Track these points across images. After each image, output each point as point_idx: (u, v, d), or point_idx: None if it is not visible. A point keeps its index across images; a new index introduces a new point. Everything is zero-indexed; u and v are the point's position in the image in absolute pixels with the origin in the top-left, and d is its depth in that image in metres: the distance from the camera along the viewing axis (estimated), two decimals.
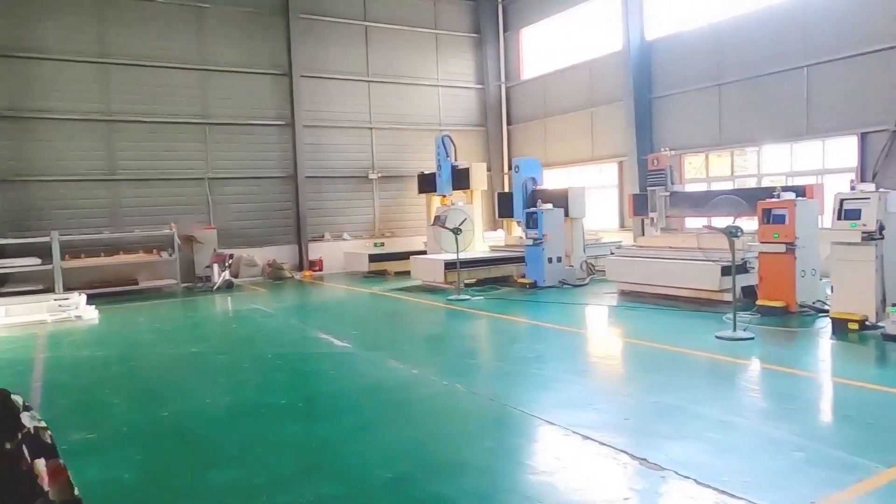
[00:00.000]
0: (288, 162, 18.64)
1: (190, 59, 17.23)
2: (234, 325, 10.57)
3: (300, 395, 6.18)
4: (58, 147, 15.74)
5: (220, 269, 15.79)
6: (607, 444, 4.48)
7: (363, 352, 8.06)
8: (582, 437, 4.63)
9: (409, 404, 5.81)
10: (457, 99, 21.41)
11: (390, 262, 17.59)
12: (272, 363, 7.71)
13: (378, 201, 20.18)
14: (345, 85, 19.44)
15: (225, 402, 6.03)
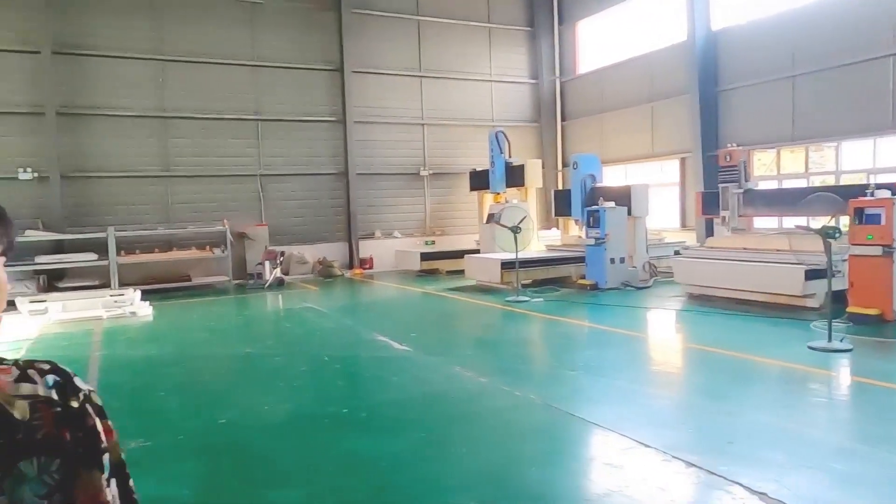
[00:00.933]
0: (339, 159, 18.42)
1: (243, 56, 17.15)
2: (287, 324, 10.31)
3: (362, 404, 5.80)
4: (114, 143, 15.83)
5: (271, 267, 15.65)
6: (715, 472, 3.94)
7: (424, 356, 7.66)
8: (685, 464, 4.11)
9: (481, 418, 5.37)
10: (510, 94, 20.87)
11: (442, 261, 17.21)
12: (330, 367, 7.37)
13: (429, 199, 19.81)
14: (396, 80, 19.12)
15: (284, 410, 5.69)
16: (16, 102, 14.98)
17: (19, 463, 0.87)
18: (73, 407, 0.93)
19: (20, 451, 0.87)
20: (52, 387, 0.93)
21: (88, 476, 0.92)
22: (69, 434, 0.91)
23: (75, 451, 0.91)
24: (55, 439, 0.90)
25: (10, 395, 0.90)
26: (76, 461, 0.91)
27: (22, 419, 0.89)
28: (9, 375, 0.92)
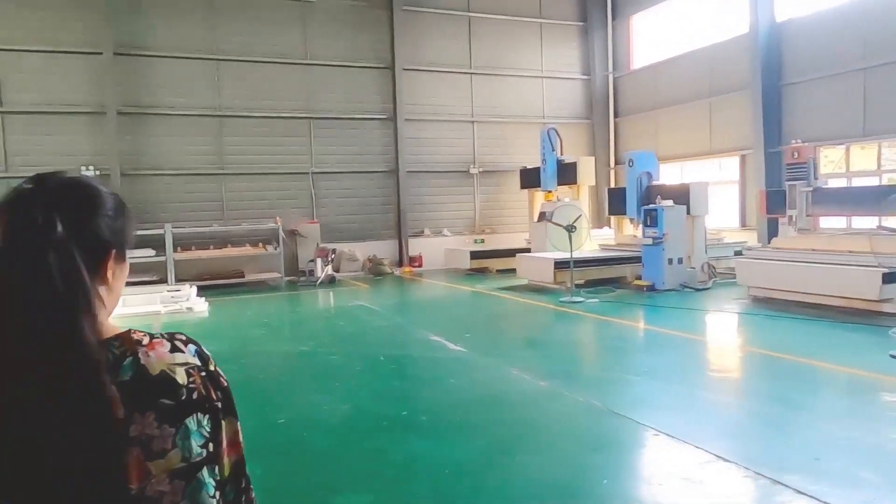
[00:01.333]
0: (389, 156, 18.42)
1: (295, 55, 17.29)
2: (340, 322, 10.31)
3: (421, 407, 5.69)
4: (171, 142, 16.16)
5: (322, 264, 15.75)
6: (808, 493, 3.67)
7: (480, 357, 7.51)
8: (770, 481, 3.85)
9: (544, 424, 5.19)
10: (561, 90, 20.52)
11: (492, 260, 17.03)
12: (386, 367, 7.29)
13: (479, 196, 19.64)
14: (447, 78, 19.01)
15: (342, 410, 5.62)
16: (79, 103, 15.43)
17: (186, 420, 1.00)
18: (211, 370, 1.08)
19: (185, 410, 1.01)
20: (195, 354, 1.08)
21: (229, 424, 1.09)
22: (213, 393, 1.06)
23: (218, 406, 1.06)
24: (205, 398, 1.04)
25: (171, 363, 1.03)
26: (219, 413, 1.07)
27: (182, 384, 1.02)
28: (164, 347, 1.05)
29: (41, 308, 0.92)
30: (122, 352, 1.01)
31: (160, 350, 1.04)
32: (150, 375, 1.00)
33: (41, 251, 0.93)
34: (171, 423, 0.99)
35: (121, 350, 1.01)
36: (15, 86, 15.02)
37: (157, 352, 1.04)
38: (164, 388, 1.01)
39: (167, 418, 0.99)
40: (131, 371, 1.00)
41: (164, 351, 1.05)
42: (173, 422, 0.99)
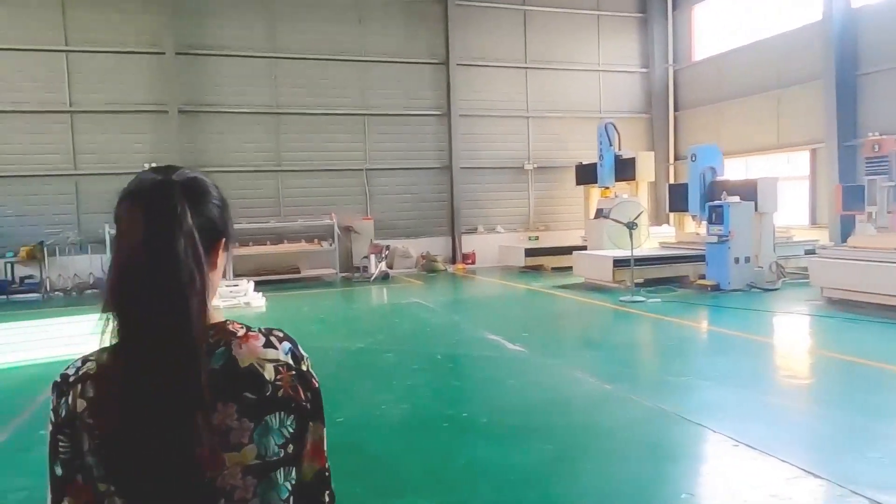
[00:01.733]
0: (443, 153, 18.30)
1: (351, 51, 17.34)
2: (395, 319, 10.23)
3: (481, 408, 5.52)
4: (230, 139, 16.43)
5: (377, 261, 15.76)
6: None
7: (540, 358, 7.29)
8: (869, 501, 3.52)
9: (611, 430, 4.95)
10: (619, 84, 20.00)
11: (547, 257, 16.73)
12: (443, 366, 7.16)
13: (533, 193, 19.33)
14: (501, 73, 18.76)
15: (401, 410, 5.50)
16: (143, 101, 15.84)
17: (267, 416, 1.00)
18: (303, 371, 1.08)
19: (267, 407, 1.01)
20: (288, 353, 1.07)
21: (315, 428, 1.08)
22: (302, 393, 1.06)
23: (306, 408, 1.06)
24: (291, 398, 1.04)
25: (261, 358, 1.03)
26: (306, 416, 1.06)
27: (269, 380, 1.02)
28: (258, 341, 1.05)
29: (164, 289, 0.96)
30: (217, 340, 1.03)
31: (253, 344, 1.05)
32: (239, 367, 1.02)
33: (174, 237, 0.98)
34: (252, 417, 1.00)
35: (215, 339, 1.03)
36: (83, 86, 15.52)
37: (249, 345, 1.05)
38: (250, 381, 1.02)
39: (248, 412, 1.00)
40: (222, 360, 1.02)
41: (257, 345, 1.05)
42: (254, 416, 1.00)
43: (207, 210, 1.09)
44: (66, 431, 1.00)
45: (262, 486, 1.01)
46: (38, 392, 6.36)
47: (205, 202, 1.09)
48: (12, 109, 15.03)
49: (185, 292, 0.97)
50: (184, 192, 1.04)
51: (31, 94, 15.16)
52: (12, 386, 6.77)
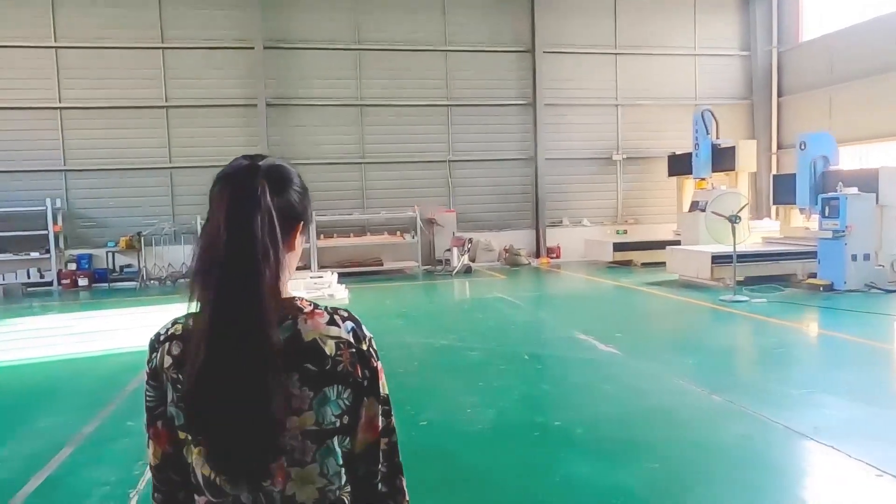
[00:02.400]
0: (528, 143, 17.78)
1: (434, 41, 17.09)
2: (479, 314, 9.89)
3: (575, 417, 5.08)
4: (316, 132, 16.55)
5: (459, 254, 15.49)
6: None
7: (636, 362, 6.76)
8: None
9: (724, 449, 4.40)
10: (716, 69, 18.80)
11: (636, 252, 15.96)
12: (531, 367, 6.76)
13: (622, 185, 18.50)
14: (589, 59, 18.01)
15: (488, 416, 5.15)
16: (233, 96, 16.18)
17: (325, 388, 1.11)
18: (363, 349, 1.16)
19: (327, 379, 1.11)
20: (350, 332, 1.15)
21: (370, 403, 1.17)
22: (360, 370, 1.15)
23: (362, 384, 1.15)
24: (350, 374, 1.13)
25: (324, 333, 1.13)
26: (363, 391, 1.15)
27: (329, 354, 1.12)
28: (323, 318, 1.15)
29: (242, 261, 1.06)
30: (285, 314, 1.11)
31: (318, 321, 1.13)
32: (303, 341, 1.10)
33: (253, 215, 1.08)
34: (312, 387, 1.09)
35: (284, 313, 1.11)
36: (177, 82, 16.01)
37: (314, 321, 1.13)
38: (312, 354, 1.10)
39: (308, 382, 1.09)
40: (288, 333, 1.10)
41: (321, 322, 1.13)
42: (313, 386, 1.09)
43: (288, 194, 1.19)
44: (152, 383, 1.13)
45: (321, 451, 1.10)
46: (127, 381, 6.44)
47: (286, 187, 1.18)
48: (113, 105, 15.69)
49: (260, 266, 1.07)
50: (266, 176, 1.14)
51: (131, 90, 15.77)
52: (104, 374, 6.90)
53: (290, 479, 1.09)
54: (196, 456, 1.09)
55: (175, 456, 1.12)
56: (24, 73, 15.37)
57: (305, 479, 1.10)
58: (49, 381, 6.77)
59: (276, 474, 1.08)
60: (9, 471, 4.41)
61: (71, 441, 4.88)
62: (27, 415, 5.65)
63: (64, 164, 15.64)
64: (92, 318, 11.18)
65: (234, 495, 1.09)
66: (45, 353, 7.97)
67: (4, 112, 15.37)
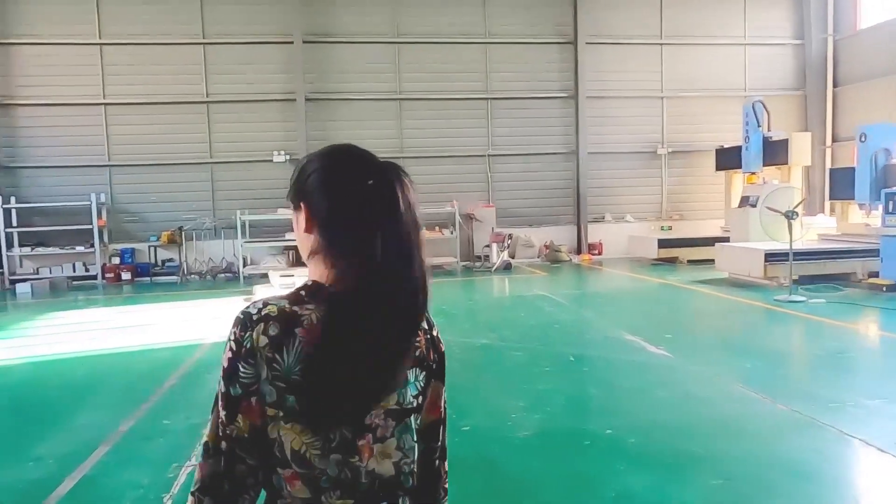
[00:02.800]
0: (569, 137, 17.37)
1: (474, 33, 16.80)
2: (521, 313, 9.60)
3: (627, 424, 4.77)
4: (354, 126, 16.40)
5: (498, 250, 15.20)
6: None
7: (690, 365, 6.40)
8: None
9: (797, 465, 4.04)
10: (767, 58, 18.06)
11: (682, 249, 15.44)
12: (577, 369, 6.46)
13: (667, 179, 17.94)
14: (634, 50, 17.49)
15: (533, 422, 4.88)
16: (272, 90, 16.17)
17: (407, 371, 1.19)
18: (433, 335, 1.27)
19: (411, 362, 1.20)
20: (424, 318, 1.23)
21: (437, 385, 1.26)
22: (433, 354, 1.24)
23: (432, 367, 1.24)
24: (425, 357, 1.23)
25: None
26: (432, 374, 1.24)
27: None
28: None
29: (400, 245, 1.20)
30: None
31: None
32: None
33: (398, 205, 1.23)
34: None
35: None
36: (217, 77, 16.07)
37: None
38: None
39: None
40: None
41: None
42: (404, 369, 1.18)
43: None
44: (249, 361, 1.13)
45: (399, 428, 1.17)
46: (165, 377, 6.36)
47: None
48: (155, 101, 15.83)
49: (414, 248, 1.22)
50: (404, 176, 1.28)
51: (172, 86, 15.89)
52: (144, 370, 6.84)
53: (372, 455, 1.15)
54: (286, 431, 1.13)
55: (260, 430, 1.14)
56: (71, 69, 15.60)
57: (384, 454, 1.16)
58: (89, 376, 6.75)
59: (363, 451, 1.14)
60: (44, 470, 4.33)
61: (107, 439, 4.79)
62: (66, 411, 5.60)
63: (108, 160, 15.86)
64: (133, 312, 11.25)
65: (321, 468, 1.13)
66: (86, 348, 7.99)
67: (52, 108, 15.65)
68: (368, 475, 1.14)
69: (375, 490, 1.15)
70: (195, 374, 6.57)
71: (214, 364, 6.91)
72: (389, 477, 1.16)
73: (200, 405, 5.48)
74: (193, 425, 4.97)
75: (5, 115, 15.57)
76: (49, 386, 6.48)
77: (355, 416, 1.13)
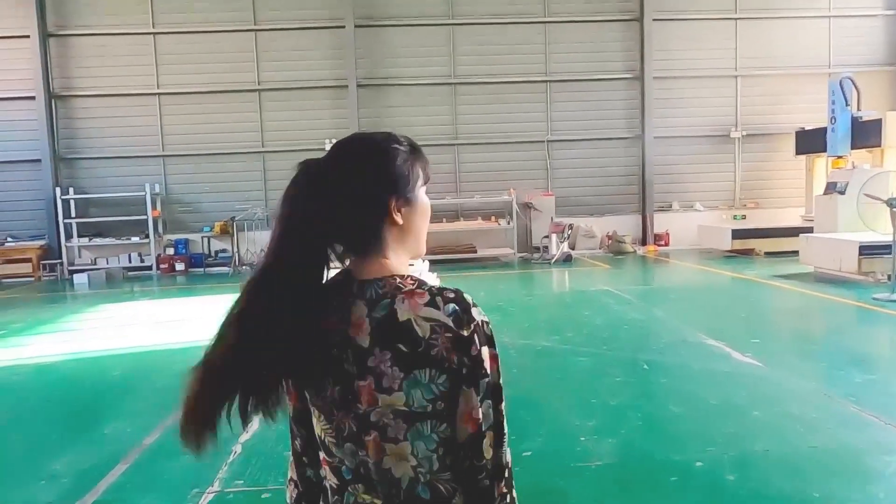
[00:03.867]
0: (634, 120, 16.34)
1: (533, 12, 15.95)
2: (585, 311, 8.82)
3: (721, 455, 3.99)
4: (407, 112, 15.85)
5: (558, 240, 14.40)
6: None
7: (785, 377, 5.54)
8: None
9: None
10: (854, 31, 16.53)
11: (759, 240, 14.28)
12: (653, 380, 5.69)
13: (741, 164, 16.70)
14: (706, 26, 16.28)
15: (606, 448, 4.16)
16: (323, 77, 15.75)
17: (415, 370, 1.08)
18: (463, 335, 1.09)
19: (418, 361, 1.08)
20: (450, 315, 1.09)
21: (468, 393, 1.10)
22: (457, 357, 1.09)
23: (459, 372, 1.09)
24: (445, 359, 1.08)
25: (419, 315, 1.09)
26: (460, 379, 1.10)
27: (422, 337, 1.08)
28: (422, 299, 1.10)
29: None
30: (384, 292, 1.12)
31: (415, 301, 1.10)
32: (397, 321, 1.09)
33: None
34: (402, 368, 1.08)
35: (382, 290, 1.12)
36: (269, 65, 15.75)
37: (411, 301, 1.10)
38: (405, 335, 1.08)
39: (399, 363, 1.08)
40: (384, 311, 1.10)
41: (419, 303, 1.10)
42: (403, 367, 1.08)
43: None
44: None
45: (412, 432, 1.09)
46: None
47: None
48: (208, 90, 15.64)
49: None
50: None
51: (225, 74, 15.67)
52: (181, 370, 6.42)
53: (385, 454, 1.10)
54: (314, 417, 1.17)
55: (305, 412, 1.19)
56: (125, 60, 15.57)
57: (400, 456, 1.10)
58: (124, 377, 6.39)
59: (368, 446, 1.11)
60: (58, 491, 3.90)
61: (128, 455, 4.34)
62: (93, 418, 5.23)
63: (162, 150, 15.78)
64: (181, 305, 11.04)
65: (339, 457, 1.14)
66: (126, 344, 7.69)
67: (107, 99, 15.67)
68: (384, 474, 1.11)
69: (399, 493, 1.11)
70: None
71: None
72: (409, 481, 1.11)
73: (232, 413, 4.99)
74: (223, 439, 4.36)
75: (64, 107, 15.68)
76: (82, 387, 6.15)
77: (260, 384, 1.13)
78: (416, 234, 1.22)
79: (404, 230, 1.19)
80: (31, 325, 9.30)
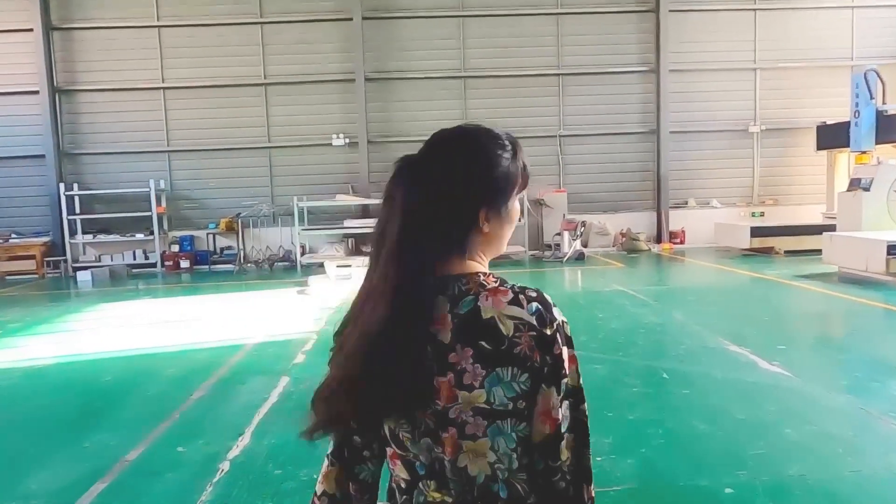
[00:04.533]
0: (649, 115, 15.91)
1: (544, 3, 15.56)
2: (599, 314, 8.43)
3: (753, 480, 3.62)
4: (415, 107, 15.51)
5: (570, 238, 14.02)
6: None
7: (817, 389, 5.15)
8: None
9: None
10: (878, 21, 16.04)
11: (779, 238, 13.84)
12: (674, 391, 5.30)
13: (759, 160, 16.22)
14: (723, 17, 15.82)
15: (626, 469, 3.80)
16: (331, 70, 15.43)
17: (498, 368, 1.07)
18: (546, 334, 1.09)
19: (501, 359, 1.07)
20: (534, 314, 1.09)
21: (548, 392, 1.10)
22: (539, 356, 1.08)
23: (541, 370, 1.09)
24: (527, 358, 1.08)
25: (503, 313, 1.09)
26: (541, 378, 1.09)
27: (506, 335, 1.08)
28: (506, 297, 1.10)
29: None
30: (468, 289, 1.11)
31: (499, 299, 1.10)
32: (481, 318, 1.09)
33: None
34: (484, 365, 1.07)
35: (466, 287, 1.12)
36: (275, 58, 15.45)
37: (495, 299, 1.10)
38: (488, 332, 1.08)
39: (481, 360, 1.08)
40: (468, 308, 1.10)
41: (503, 301, 1.10)
42: (486, 365, 1.07)
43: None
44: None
45: (492, 429, 1.08)
46: (195, 386, 5.64)
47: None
48: (213, 84, 15.35)
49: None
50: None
51: (230, 68, 15.39)
52: (175, 375, 6.14)
53: (461, 451, 1.09)
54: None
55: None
56: (130, 53, 15.32)
57: (478, 453, 1.09)
58: (115, 382, 6.09)
59: (444, 442, 1.10)
60: None
61: (109, 472, 4.03)
62: (77, 429, 4.92)
63: (167, 145, 15.53)
64: (182, 304, 10.77)
65: (414, 452, 1.13)
66: (121, 347, 7.40)
67: (112, 94, 15.43)
68: (459, 472, 1.10)
69: (472, 490, 1.10)
70: (227, 384, 5.81)
71: (250, 372, 6.10)
72: (485, 479, 1.10)
73: (222, 426, 4.71)
74: (210, 455, 4.16)
75: (68, 102, 15.46)
76: (71, 394, 5.85)
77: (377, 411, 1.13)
78: (500, 239, 1.21)
79: (490, 237, 1.18)
80: (28, 326, 9.05)
